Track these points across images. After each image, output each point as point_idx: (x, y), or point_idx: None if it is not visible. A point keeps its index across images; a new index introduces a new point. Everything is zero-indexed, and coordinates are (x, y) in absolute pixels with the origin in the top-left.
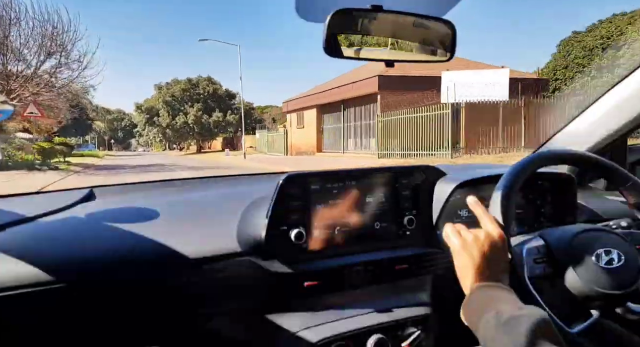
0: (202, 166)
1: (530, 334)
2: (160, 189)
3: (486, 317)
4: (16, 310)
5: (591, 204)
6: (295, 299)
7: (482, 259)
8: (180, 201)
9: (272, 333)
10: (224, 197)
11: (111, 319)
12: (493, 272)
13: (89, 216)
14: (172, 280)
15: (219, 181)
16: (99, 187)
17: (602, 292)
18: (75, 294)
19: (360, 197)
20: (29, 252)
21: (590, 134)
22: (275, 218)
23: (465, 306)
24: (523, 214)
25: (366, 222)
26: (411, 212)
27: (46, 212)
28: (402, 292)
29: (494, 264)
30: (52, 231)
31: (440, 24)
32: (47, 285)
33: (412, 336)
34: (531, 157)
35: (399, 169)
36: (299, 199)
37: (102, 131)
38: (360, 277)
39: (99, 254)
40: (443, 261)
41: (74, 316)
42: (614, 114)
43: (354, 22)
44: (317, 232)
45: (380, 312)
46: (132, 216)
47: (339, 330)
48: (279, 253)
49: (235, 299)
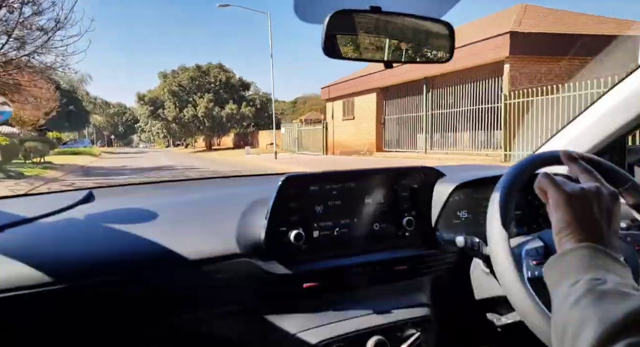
0: (226, 171)
1: (628, 318)
2: (159, 190)
3: (578, 280)
4: (15, 311)
5: None
6: (295, 300)
7: (588, 216)
8: (179, 202)
9: (271, 334)
10: (224, 198)
11: (110, 319)
12: (600, 234)
13: (88, 217)
14: (171, 281)
15: (218, 182)
16: (98, 188)
17: None
18: (75, 295)
19: (360, 198)
20: (28, 253)
21: (590, 135)
22: (275, 219)
23: (553, 265)
24: (522, 216)
25: (365, 223)
26: (410, 213)
27: (45, 214)
28: (402, 293)
29: (604, 223)
30: (51, 233)
31: (439, 25)
32: (46, 286)
33: (412, 338)
34: (530, 158)
35: (398, 170)
36: (298, 200)
37: (102, 126)
38: (359, 279)
39: (98, 255)
40: (442, 262)
41: (73, 316)
42: (613, 115)
43: (352, 23)
44: (316, 234)
45: (379, 313)
46: (132, 217)
47: (338, 331)
48: (278, 254)
49: (234, 300)
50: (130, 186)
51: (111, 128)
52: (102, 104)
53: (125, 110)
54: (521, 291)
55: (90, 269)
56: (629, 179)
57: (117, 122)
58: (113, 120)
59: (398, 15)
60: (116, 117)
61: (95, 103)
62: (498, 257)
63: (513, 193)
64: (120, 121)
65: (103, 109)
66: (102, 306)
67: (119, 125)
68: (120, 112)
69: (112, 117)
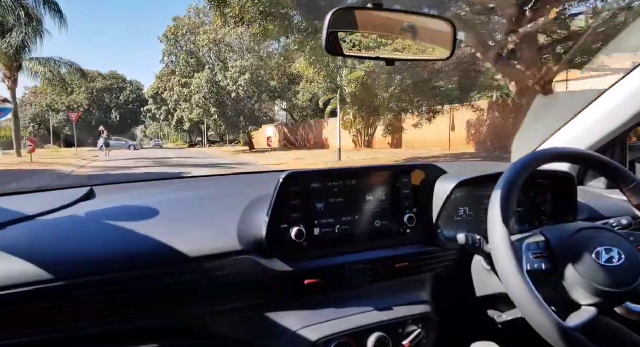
0: None
1: None
2: (160, 187)
3: None
4: (16, 308)
5: (591, 202)
6: (296, 297)
7: None
8: (180, 199)
9: (272, 331)
10: (225, 195)
11: (110, 317)
12: None
13: (89, 214)
14: (172, 278)
15: (220, 179)
16: (99, 185)
17: (600, 289)
18: (76, 292)
19: (361, 195)
20: (28, 250)
21: (591, 132)
22: (276, 216)
23: None
24: (523, 213)
25: (366, 220)
26: (411, 210)
27: (46, 211)
28: (403, 290)
29: None
30: (52, 229)
31: (441, 22)
32: (47, 283)
33: (413, 334)
34: (532, 156)
35: (399, 167)
36: (299, 197)
37: (82, 108)
38: (360, 276)
39: (99, 252)
40: (443, 259)
41: (74, 314)
42: (615, 112)
43: (354, 20)
44: (317, 231)
45: (380, 310)
46: (132, 214)
47: (340, 328)
48: (279, 251)
49: (235, 297)
50: (131, 183)
51: (99, 114)
52: (74, 70)
53: (125, 85)
54: (520, 283)
55: (92, 267)
56: (634, 178)
57: (110, 103)
58: (102, 98)
59: (400, 12)
60: (108, 94)
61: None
62: (499, 250)
63: (514, 189)
64: (116, 102)
65: (75, 74)
66: (103, 303)
67: (113, 108)
68: (116, 86)
69: (101, 94)
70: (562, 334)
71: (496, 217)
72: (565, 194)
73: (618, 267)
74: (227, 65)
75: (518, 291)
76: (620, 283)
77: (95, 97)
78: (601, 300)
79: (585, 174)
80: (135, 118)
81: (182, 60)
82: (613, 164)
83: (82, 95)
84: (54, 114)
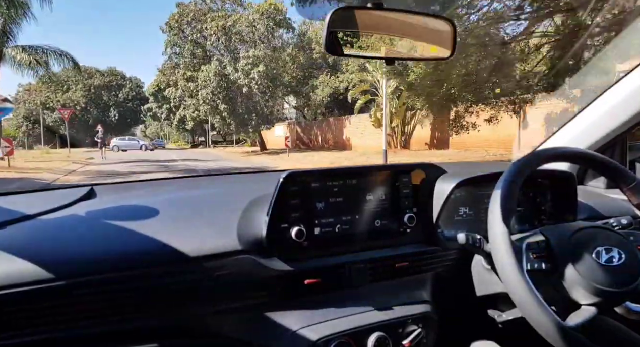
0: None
1: None
2: (160, 187)
3: None
4: (16, 308)
5: (591, 202)
6: (296, 297)
7: None
8: (181, 199)
9: (272, 331)
10: (225, 194)
11: (111, 316)
12: None
13: (89, 214)
14: (172, 278)
15: (220, 179)
16: (100, 184)
17: (600, 289)
18: (76, 292)
19: (361, 195)
20: (29, 250)
21: (591, 131)
22: (276, 216)
23: None
24: (523, 212)
25: (367, 220)
26: (411, 210)
27: (46, 210)
28: (403, 290)
29: None
30: (52, 229)
31: (441, 21)
32: (47, 283)
33: (413, 334)
34: (532, 155)
35: (399, 167)
36: (299, 196)
37: (79, 106)
38: (360, 275)
39: (99, 252)
40: (444, 259)
41: (74, 313)
42: (615, 112)
43: (354, 20)
44: (317, 230)
45: (380, 310)
46: (133, 214)
47: (340, 328)
48: (280, 251)
49: (235, 296)
50: (132, 182)
51: (97, 112)
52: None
53: (124, 82)
54: (520, 283)
55: (92, 266)
56: (635, 178)
57: (107, 101)
58: (100, 96)
59: (400, 12)
60: (106, 92)
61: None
62: (499, 250)
63: (515, 189)
64: (114, 100)
65: (70, 70)
66: (104, 303)
67: (111, 106)
68: (115, 83)
69: (99, 91)
70: (562, 333)
71: (496, 216)
72: (565, 193)
73: (618, 267)
74: (238, 56)
75: (518, 291)
76: (620, 283)
77: (92, 94)
78: (601, 300)
79: (585, 173)
80: (135, 117)
81: (187, 51)
82: (613, 164)
83: (78, 92)
84: (49, 112)
